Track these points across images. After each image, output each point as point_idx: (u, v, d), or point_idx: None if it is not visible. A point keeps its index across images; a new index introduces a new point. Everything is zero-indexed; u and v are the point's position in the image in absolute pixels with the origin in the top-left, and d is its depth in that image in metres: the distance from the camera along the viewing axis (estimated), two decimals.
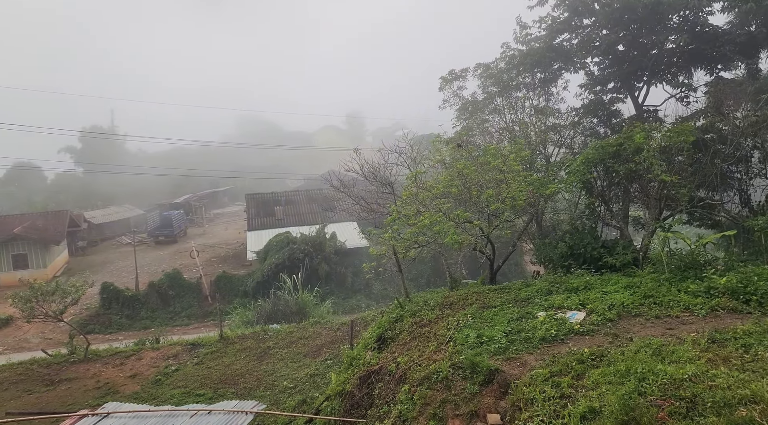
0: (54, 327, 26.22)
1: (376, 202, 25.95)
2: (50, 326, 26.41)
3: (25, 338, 27.21)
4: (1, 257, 38.79)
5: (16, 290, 21.25)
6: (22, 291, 20.08)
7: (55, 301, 20.16)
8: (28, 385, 17.54)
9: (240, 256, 39.24)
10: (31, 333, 27.48)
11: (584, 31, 20.10)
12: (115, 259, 44.34)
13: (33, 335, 27.36)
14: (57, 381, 17.73)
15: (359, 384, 10.46)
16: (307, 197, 46.12)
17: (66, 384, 17.56)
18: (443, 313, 11.27)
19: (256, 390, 16.00)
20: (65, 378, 17.91)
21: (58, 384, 17.58)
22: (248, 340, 20.09)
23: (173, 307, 30.65)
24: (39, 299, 19.70)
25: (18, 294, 19.84)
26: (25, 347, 25.69)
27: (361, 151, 22.94)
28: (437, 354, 9.13)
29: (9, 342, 26.75)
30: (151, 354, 19.39)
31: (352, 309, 28.71)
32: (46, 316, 20.14)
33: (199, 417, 10.75)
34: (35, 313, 19.76)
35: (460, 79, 23.21)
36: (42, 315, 19.96)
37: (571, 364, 7.05)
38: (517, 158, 15.29)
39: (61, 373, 18.27)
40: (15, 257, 39.01)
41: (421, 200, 15.58)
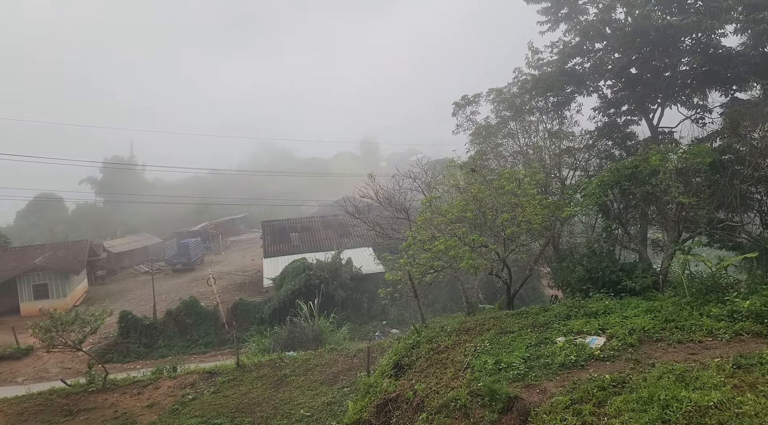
0: (73, 356, 26.36)
1: (391, 227, 25.93)
2: (69, 355, 26.55)
3: (44, 368, 27.37)
4: (22, 288, 39.28)
5: (37, 320, 21.47)
6: (42, 321, 20.25)
7: (74, 330, 20.29)
8: (48, 416, 17.58)
9: (256, 283, 39.33)
10: (51, 363, 27.64)
11: (596, 54, 20.21)
12: (134, 287, 44.71)
13: (52, 364, 27.52)
14: (76, 412, 17.75)
15: (376, 412, 10.34)
16: (323, 223, 46.31)
17: (84, 414, 17.57)
18: (460, 339, 11.16)
19: (273, 418, 15.86)
20: (84, 409, 17.93)
21: (76, 414, 17.60)
22: (265, 368, 19.99)
23: (190, 335, 30.67)
24: (59, 328, 19.84)
25: (38, 324, 20.02)
26: (45, 377, 25.83)
27: (375, 176, 23.08)
28: (455, 381, 9.02)
29: (29, 372, 26.92)
30: (169, 383, 19.36)
31: (368, 335, 28.50)
32: (66, 346, 20.26)
33: None
34: (55, 343, 19.89)
35: (473, 104, 23.37)
36: (61, 345, 20.08)
37: (592, 391, 6.92)
38: (531, 181, 15.29)
39: (79, 403, 18.30)
40: (36, 287, 39.50)
41: (436, 225, 15.59)
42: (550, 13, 20.40)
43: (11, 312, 38.46)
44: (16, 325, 31.99)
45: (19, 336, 30.06)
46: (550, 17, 20.47)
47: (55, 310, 21.78)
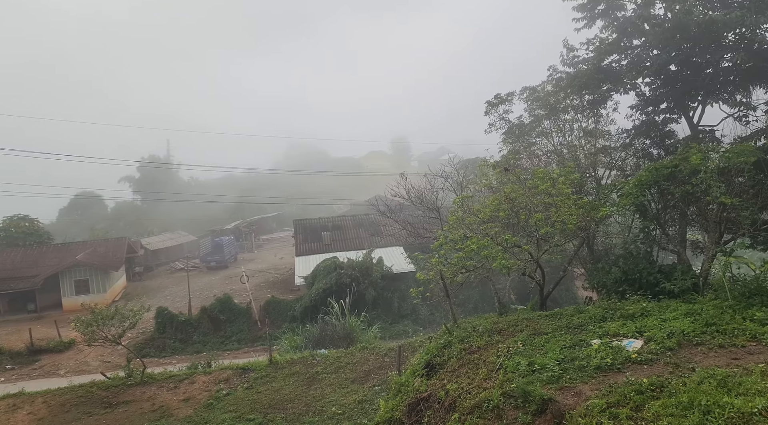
0: (112, 350, 27.19)
1: (422, 227, 26.01)
2: (109, 349, 27.39)
3: (85, 361, 28.30)
4: (64, 283, 40.67)
5: (78, 314, 22.21)
6: (83, 316, 20.96)
7: (114, 325, 20.91)
8: (89, 408, 18.16)
9: (288, 281, 39.80)
10: (91, 356, 28.56)
11: (634, 51, 19.72)
12: (169, 284, 45.77)
13: (93, 358, 28.43)
14: (115, 404, 18.28)
15: (408, 411, 10.35)
16: (354, 222, 46.53)
17: (123, 406, 18.09)
18: (492, 339, 11.08)
19: (305, 415, 16.03)
20: (123, 401, 18.45)
21: (116, 406, 18.12)
22: (297, 365, 20.22)
23: (224, 331, 31.26)
24: (99, 323, 20.48)
25: (80, 319, 20.71)
26: (85, 370, 26.69)
27: (407, 176, 23.13)
28: (487, 382, 8.96)
29: (70, 365, 27.87)
30: (204, 378, 19.76)
31: (399, 335, 28.52)
32: (106, 340, 20.91)
33: None
34: (96, 337, 20.55)
35: (506, 102, 23.08)
36: (102, 339, 20.73)
37: (629, 395, 6.78)
38: (566, 181, 15.05)
39: (119, 396, 18.84)
40: (77, 282, 40.84)
41: (468, 225, 15.51)
42: (586, 9, 20.00)
43: (54, 307, 39.89)
44: (59, 319, 33.18)
45: (61, 330, 31.18)
46: (586, 14, 20.07)
47: (95, 305, 22.50)
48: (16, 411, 18.18)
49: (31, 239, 51.51)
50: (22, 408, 18.38)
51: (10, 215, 53.99)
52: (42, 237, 53.13)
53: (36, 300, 40.19)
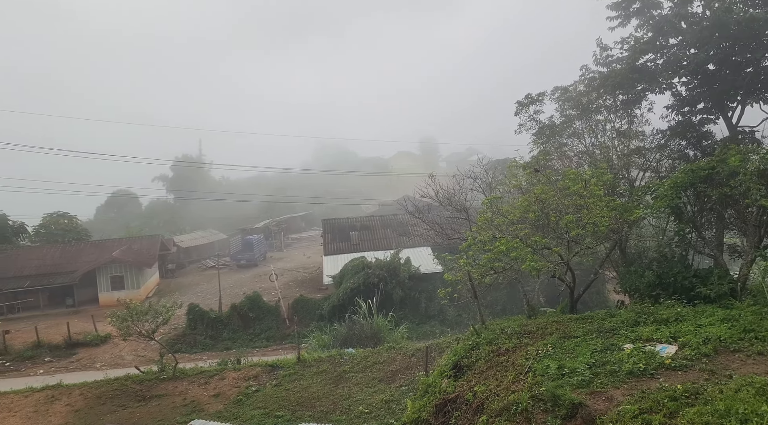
0: (146, 345, 27.83)
1: (450, 227, 25.84)
2: (143, 344, 28.03)
3: (120, 355, 29.07)
4: (101, 279, 41.83)
5: (114, 309, 22.82)
6: (119, 311, 21.54)
7: (147, 321, 21.43)
8: (123, 400, 18.66)
9: (316, 280, 40.11)
10: (126, 351, 29.31)
11: (670, 50, 19.30)
12: (200, 281, 46.62)
13: (127, 352, 29.18)
14: (148, 398, 18.74)
15: (435, 412, 10.34)
16: (382, 222, 46.62)
17: (156, 400, 18.53)
18: (521, 342, 10.99)
19: (332, 413, 16.15)
20: (155, 395, 18.90)
21: (149, 400, 18.58)
22: (324, 363, 20.37)
23: (253, 329, 31.69)
24: (134, 318, 21.03)
25: (116, 314, 21.29)
26: (120, 363, 27.43)
27: (435, 176, 23.05)
28: (516, 385, 8.88)
29: (106, 359, 28.67)
30: (233, 375, 20.08)
31: (426, 335, 28.46)
32: (140, 335, 21.45)
33: None
34: (130, 332, 21.10)
35: (537, 103, 22.81)
36: (136, 334, 21.28)
37: (662, 401, 6.65)
38: (598, 182, 14.79)
39: (152, 390, 19.30)
40: (113, 278, 41.95)
41: (497, 226, 15.39)
42: (621, 8, 19.66)
43: (91, 302, 41.07)
44: (95, 314, 34.14)
45: (97, 324, 32.08)
46: (620, 12, 19.72)
47: (130, 301, 23.07)
48: (54, 402, 18.80)
49: (70, 235, 53.12)
50: (60, 399, 18.99)
51: (50, 212, 55.79)
52: (80, 234, 54.73)
53: (74, 295, 41.47)
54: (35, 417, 17.90)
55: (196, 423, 12.77)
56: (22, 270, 42.74)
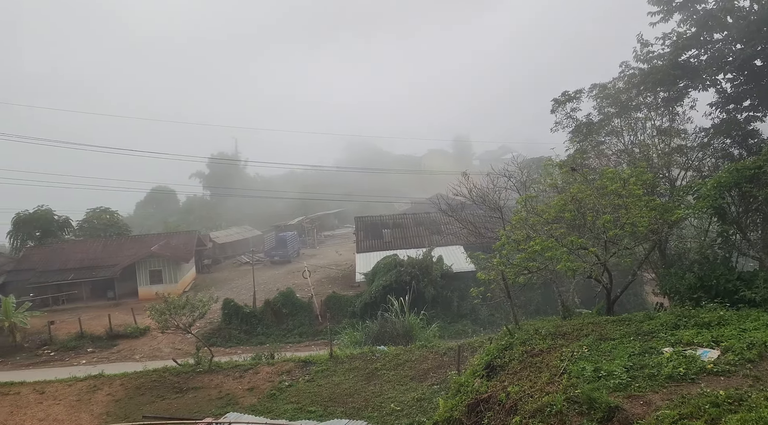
0: (183, 338, 28.56)
1: (484, 226, 25.69)
2: (179, 337, 28.79)
3: (158, 347, 29.87)
4: (140, 273, 43.05)
5: (153, 303, 23.50)
6: (158, 304, 22.16)
7: (185, 314, 21.99)
8: (161, 392, 19.19)
9: (349, 277, 40.36)
10: (164, 343, 30.10)
11: (714, 46, 18.69)
12: (235, 277, 47.46)
13: (165, 344, 29.96)
14: (185, 390, 19.22)
15: (468, 411, 10.29)
16: (414, 220, 46.57)
17: (193, 392, 18.98)
18: (556, 343, 10.84)
19: (364, 410, 16.24)
20: (192, 387, 19.36)
21: (186, 392, 19.05)
22: (356, 360, 20.50)
23: (286, 324, 32.09)
24: (172, 312, 21.60)
25: (155, 307, 21.92)
26: (158, 356, 28.18)
27: (469, 175, 22.91)
28: (550, 386, 8.77)
29: (145, 351, 29.51)
30: (267, 369, 20.40)
31: (457, 334, 28.32)
32: (177, 328, 22.03)
33: None
34: (168, 325, 21.69)
35: (574, 100, 22.39)
36: (174, 327, 21.85)
37: (703, 407, 6.47)
38: (638, 181, 14.45)
39: (188, 382, 19.78)
40: (152, 272, 43.12)
41: (531, 225, 15.21)
42: (663, 2, 19.11)
43: (131, 295, 42.33)
44: (135, 307, 35.19)
45: (137, 317, 33.05)
46: (662, 7, 19.18)
47: (168, 295, 23.71)
48: (96, 391, 19.46)
49: (111, 230, 54.84)
50: (102, 389, 19.66)
51: (93, 207, 57.71)
52: (121, 229, 56.45)
53: (115, 288, 42.81)
54: (78, 406, 18.56)
55: (231, 416, 13.04)
56: (66, 263, 44.38)
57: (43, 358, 29.72)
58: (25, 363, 29.13)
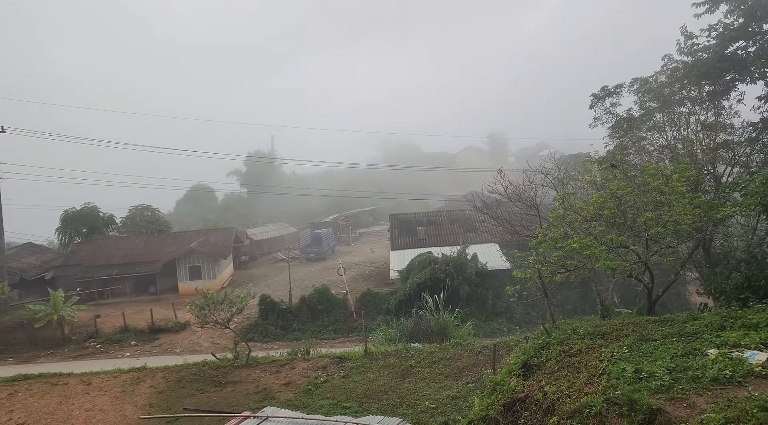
0: (221, 333, 29.21)
1: (519, 224, 25.35)
2: (218, 332, 29.45)
3: (198, 341, 30.61)
4: (180, 269, 44.17)
5: (193, 298, 24.08)
6: (197, 300, 22.71)
7: (223, 310, 22.47)
8: (201, 385, 19.67)
9: (383, 274, 40.48)
10: (203, 338, 30.84)
11: (764, 37, 17.95)
12: (271, 273, 48.18)
13: (204, 339, 30.69)
14: (224, 383, 19.65)
15: (504, 411, 10.20)
16: (449, 218, 46.35)
17: (231, 386, 19.40)
18: (594, 343, 10.63)
19: (399, 407, 16.28)
20: (230, 381, 19.78)
21: (224, 385, 19.49)
22: (391, 357, 20.55)
23: (321, 321, 32.42)
24: (210, 307, 22.11)
25: (194, 302, 22.48)
26: (198, 350, 28.88)
27: (504, 172, 22.68)
28: (589, 387, 8.62)
29: (185, 345, 30.30)
30: (303, 365, 20.66)
31: (493, 333, 28.09)
32: (216, 323, 22.53)
33: None
34: (207, 320, 22.21)
35: (614, 95, 21.86)
36: (212, 322, 22.35)
37: (751, 411, 6.24)
38: (681, 178, 14.02)
39: (227, 376, 20.22)
40: (191, 268, 44.19)
41: (569, 223, 14.96)
42: None
43: (171, 290, 43.51)
44: (175, 302, 36.12)
45: (177, 312, 33.94)
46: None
47: (207, 290, 24.27)
48: (140, 383, 20.10)
49: (152, 227, 56.43)
50: (145, 381, 20.29)
51: (135, 204, 59.52)
52: (162, 226, 58.02)
53: (156, 283, 44.04)
54: (122, 397, 19.21)
55: (269, 410, 13.20)
56: (111, 259, 45.92)
57: (89, 350, 30.86)
58: (73, 354, 30.31)
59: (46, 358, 29.95)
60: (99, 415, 18.04)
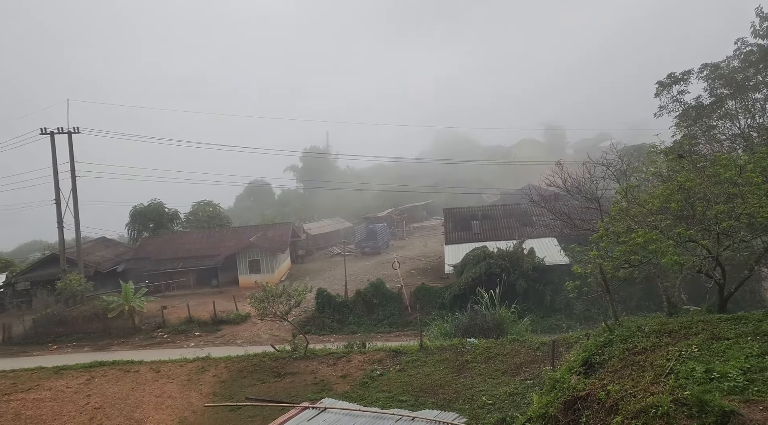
0: (279, 325, 29.98)
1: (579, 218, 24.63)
2: (277, 324, 30.24)
3: (257, 333, 31.56)
4: (240, 262, 45.62)
5: (252, 291, 24.83)
6: (257, 293, 23.39)
7: (282, 303, 23.04)
8: (261, 375, 20.27)
9: (437, 269, 40.34)
10: (263, 330, 31.76)
11: None
12: (327, 267, 48.96)
13: (264, 331, 31.60)
14: (283, 374, 20.17)
15: (564, 409, 9.96)
16: (504, 211, 45.61)
17: (290, 377, 19.89)
18: (661, 341, 10.20)
19: (455, 402, 16.21)
20: (289, 372, 20.28)
21: (284, 376, 19.99)
22: (446, 352, 20.48)
23: (377, 315, 32.70)
24: (270, 300, 22.72)
25: (254, 295, 23.17)
26: (258, 341, 29.77)
27: (563, 164, 22.09)
28: (655, 387, 8.29)
29: (246, 336, 31.30)
30: (359, 358, 20.90)
31: (551, 329, 27.47)
32: (275, 315, 23.12)
33: (403, 422, 11.35)
34: (267, 312, 22.83)
35: (681, 82, 20.81)
36: (272, 315, 22.97)
37: None
38: (756, 168, 13.19)
39: (286, 367, 20.73)
40: (251, 262, 45.58)
41: (632, 216, 14.39)
42: None
43: (232, 283, 45.05)
44: (236, 295, 37.38)
45: (238, 304, 35.10)
46: None
47: (266, 283, 24.94)
48: (204, 372, 20.94)
49: (214, 222, 58.58)
50: (209, 370, 21.11)
51: (198, 200, 61.91)
52: (222, 221, 60.16)
53: (218, 277, 45.73)
54: (189, 385, 20.07)
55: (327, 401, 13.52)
56: (176, 253, 48.03)
57: (157, 340, 32.43)
58: (143, 343, 31.94)
59: (118, 346, 31.73)
60: (167, 401, 18.93)
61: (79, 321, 35.34)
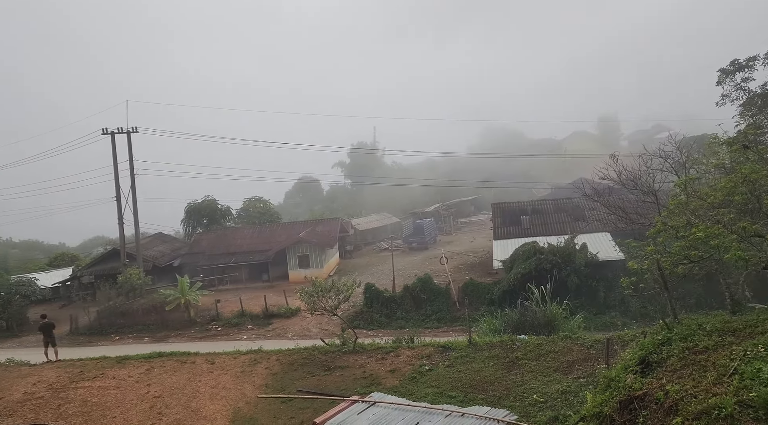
0: (329, 319, 30.37)
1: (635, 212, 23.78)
2: (326, 318, 30.66)
3: (307, 327, 32.13)
4: (290, 257, 46.51)
5: (302, 285, 25.28)
6: (307, 287, 23.79)
7: (331, 297, 23.34)
8: (311, 369, 20.62)
9: (486, 264, 39.90)
10: (312, 324, 32.30)
11: None
12: (375, 262, 49.22)
13: (313, 325, 32.13)
14: (332, 368, 20.44)
15: (620, 408, 9.68)
16: (555, 206, 44.59)
17: (339, 371, 20.13)
18: (724, 340, 9.76)
19: (505, 399, 16.00)
20: (338, 366, 20.53)
21: (333, 370, 20.26)
22: (496, 348, 20.22)
23: (424, 310, 32.65)
24: (319, 295, 23.06)
25: (304, 290, 23.57)
26: (307, 335, 30.31)
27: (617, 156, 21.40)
28: (717, 387, 7.95)
29: (296, 330, 31.93)
30: (407, 353, 20.93)
31: (605, 326, 26.70)
32: (324, 310, 23.46)
33: (453, 418, 11.29)
34: (316, 306, 23.19)
35: (746, 69, 19.73)
36: (321, 309, 23.31)
37: None
38: None
39: (335, 361, 21.00)
40: (300, 257, 46.41)
41: (692, 210, 13.80)
42: None
43: (282, 278, 46.03)
44: (286, 289, 38.17)
45: (288, 299, 35.84)
46: None
47: (315, 278, 25.33)
48: (256, 365, 21.49)
49: (264, 218, 59.98)
50: (261, 363, 21.64)
51: (249, 196, 63.53)
52: (273, 216, 61.52)
53: (269, 271, 46.80)
54: (242, 377, 20.65)
55: (376, 395, 13.59)
56: (229, 248, 49.46)
57: (211, 332, 33.54)
58: (198, 336, 33.10)
59: (175, 338, 33.01)
60: (222, 392, 19.54)
61: (139, 313, 37.02)
